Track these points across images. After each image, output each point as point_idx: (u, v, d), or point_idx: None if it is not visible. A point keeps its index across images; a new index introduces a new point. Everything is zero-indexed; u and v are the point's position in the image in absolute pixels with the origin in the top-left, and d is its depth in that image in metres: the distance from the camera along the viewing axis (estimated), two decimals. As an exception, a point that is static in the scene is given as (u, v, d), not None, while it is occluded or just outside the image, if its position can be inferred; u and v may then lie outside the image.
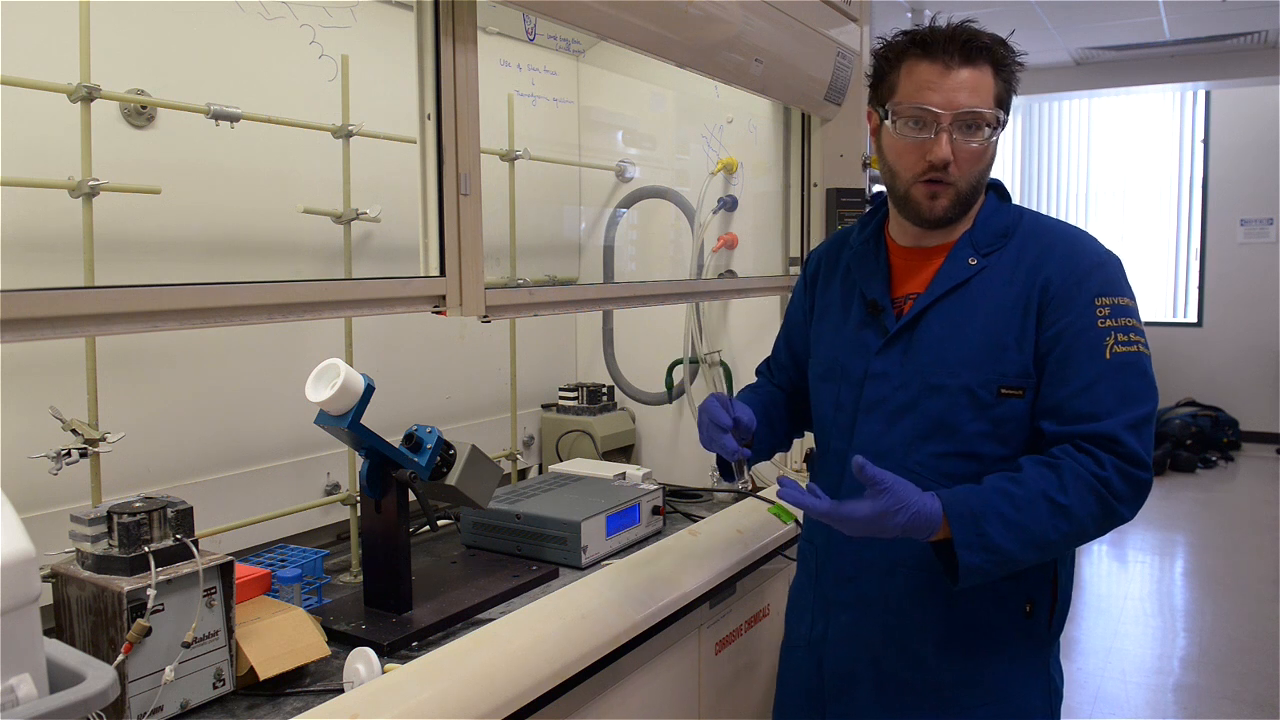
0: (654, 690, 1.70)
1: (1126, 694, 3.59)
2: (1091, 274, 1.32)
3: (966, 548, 1.22)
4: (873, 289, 1.45)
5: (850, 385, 1.45)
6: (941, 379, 1.35)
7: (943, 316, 1.37)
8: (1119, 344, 1.29)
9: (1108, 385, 1.27)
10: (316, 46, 1.86)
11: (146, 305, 1.10)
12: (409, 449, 1.51)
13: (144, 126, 1.62)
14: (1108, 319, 1.30)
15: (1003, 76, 1.34)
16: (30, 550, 0.88)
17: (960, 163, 1.32)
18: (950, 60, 1.31)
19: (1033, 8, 5.71)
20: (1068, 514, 1.23)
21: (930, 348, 1.37)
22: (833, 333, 1.51)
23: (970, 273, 1.37)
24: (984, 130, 1.32)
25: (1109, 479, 1.24)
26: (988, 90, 1.32)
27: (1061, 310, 1.31)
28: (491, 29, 2.29)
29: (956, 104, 1.30)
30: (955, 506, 1.24)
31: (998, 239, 1.39)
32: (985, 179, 1.39)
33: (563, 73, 2.61)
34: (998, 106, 1.33)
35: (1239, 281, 8.16)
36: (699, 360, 2.52)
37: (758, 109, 2.46)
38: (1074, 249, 1.35)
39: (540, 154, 2.28)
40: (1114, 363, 1.28)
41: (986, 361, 1.33)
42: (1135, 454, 1.25)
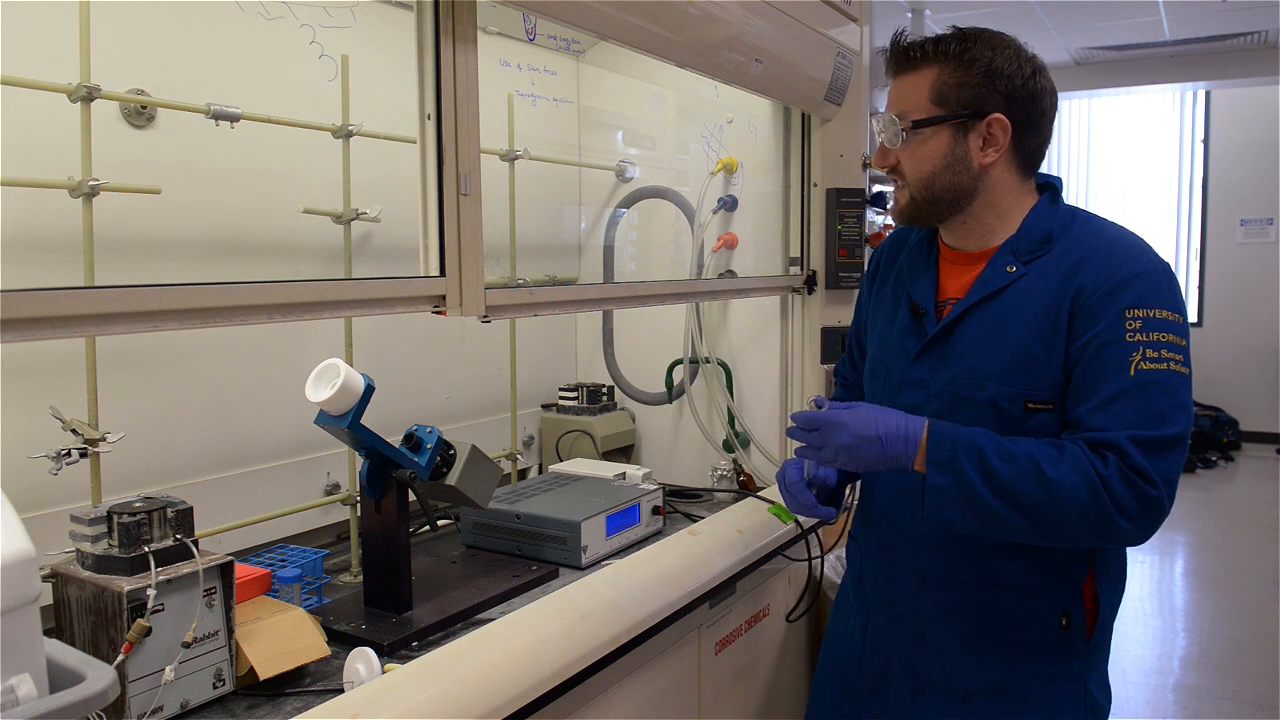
0: (654, 690, 1.70)
1: (1126, 694, 3.59)
2: (1127, 284, 1.25)
3: (936, 466, 1.24)
4: (918, 291, 1.44)
5: (890, 388, 1.45)
6: (970, 391, 1.33)
7: (977, 325, 1.35)
8: (1147, 360, 1.21)
9: (1129, 402, 1.21)
10: (316, 46, 1.86)
11: (146, 305, 1.10)
12: (409, 449, 1.51)
13: (144, 126, 1.62)
14: (1138, 333, 1.22)
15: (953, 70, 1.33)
16: (30, 550, 0.88)
17: (902, 161, 1.37)
18: (890, 72, 1.39)
19: (1033, 8, 5.71)
20: (1050, 487, 1.19)
21: (963, 356, 1.35)
22: (882, 334, 1.51)
23: (1007, 280, 1.33)
24: (904, 134, 1.35)
25: (1109, 478, 1.19)
26: (919, 93, 1.34)
27: (1091, 321, 1.25)
28: (491, 29, 2.29)
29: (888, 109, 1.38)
30: (939, 429, 1.27)
31: (1040, 245, 1.34)
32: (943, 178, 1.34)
33: (563, 73, 2.61)
34: (938, 105, 1.32)
35: (1239, 281, 8.16)
36: (699, 360, 2.52)
37: (758, 109, 2.46)
38: (1113, 255, 1.28)
39: (540, 154, 2.28)
40: (1139, 380, 1.21)
41: (1015, 374, 1.30)
42: (1142, 467, 1.18)
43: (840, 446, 1.28)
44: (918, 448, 1.26)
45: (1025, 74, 1.34)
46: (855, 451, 1.27)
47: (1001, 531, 1.26)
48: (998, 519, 1.23)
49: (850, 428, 1.27)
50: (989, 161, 1.34)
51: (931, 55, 1.34)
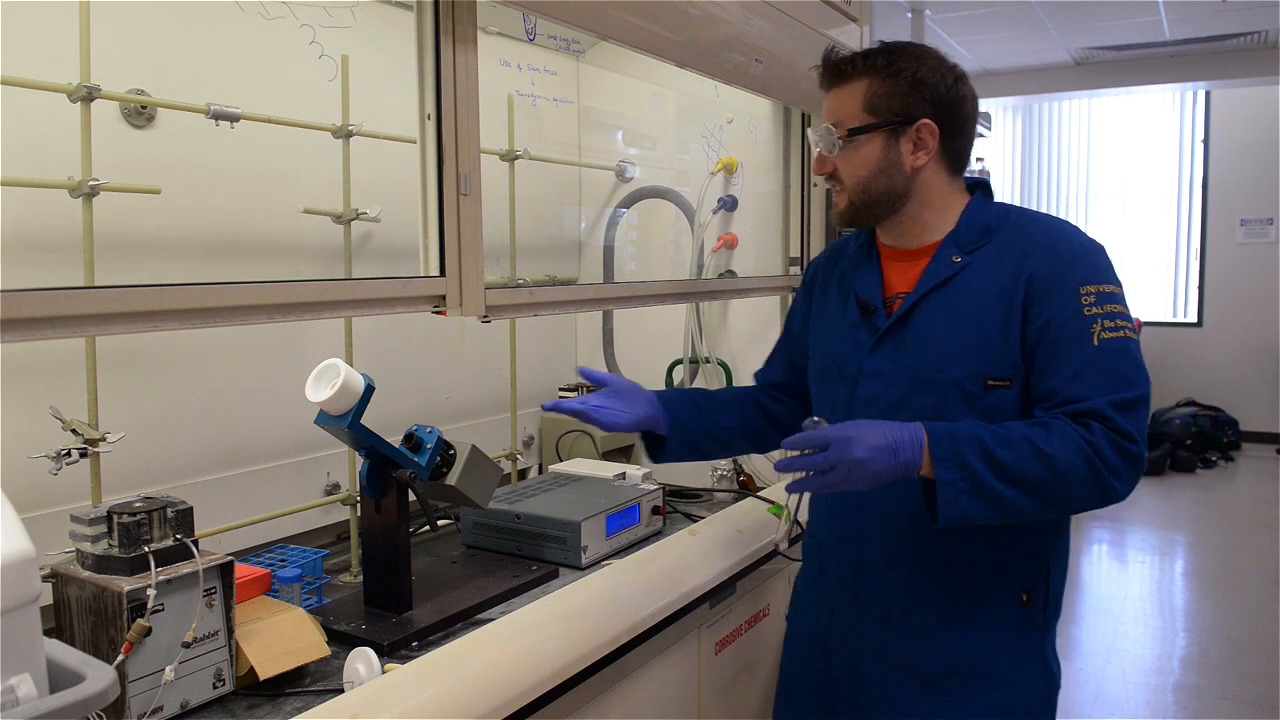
0: (654, 690, 1.70)
1: (1126, 694, 3.59)
2: (1075, 263, 1.35)
3: (941, 463, 1.25)
4: (865, 289, 1.51)
5: (845, 384, 1.50)
6: (930, 375, 1.40)
7: (930, 313, 1.42)
8: (1106, 330, 1.32)
9: (1097, 372, 1.30)
10: (316, 46, 1.86)
11: (146, 305, 1.10)
12: (409, 449, 1.51)
13: (144, 126, 1.63)
14: (1093, 306, 1.32)
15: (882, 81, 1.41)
16: (30, 550, 0.88)
17: (839, 168, 1.45)
18: (823, 86, 1.47)
19: (1033, 8, 5.71)
20: (1050, 462, 1.25)
21: (919, 344, 1.42)
22: (829, 334, 1.57)
23: (954, 270, 1.42)
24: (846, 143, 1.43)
25: (1098, 444, 1.26)
26: (853, 103, 1.42)
27: (1047, 301, 1.34)
28: (491, 29, 2.29)
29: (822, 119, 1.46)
30: (936, 428, 1.29)
31: (981, 236, 1.43)
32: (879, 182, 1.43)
33: (563, 73, 2.61)
34: (870, 113, 1.41)
35: (1239, 281, 8.16)
36: (699, 360, 2.52)
37: (758, 109, 2.46)
38: (1057, 240, 1.39)
39: (540, 154, 2.28)
40: (1102, 349, 1.31)
41: (973, 355, 1.37)
42: (1124, 429, 1.27)
43: (854, 462, 1.24)
44: (924, 449, 1.27)
45: (948, 82, 1.42)
46: (869, 465, 1.25)
47: (1011, 515, 1.29)
48: (1007, 504, 1.27)
49: (862, 440, 1.25)
50: (920, 164, 1.43)
51: (862, 68, 1.43)
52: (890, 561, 1.46)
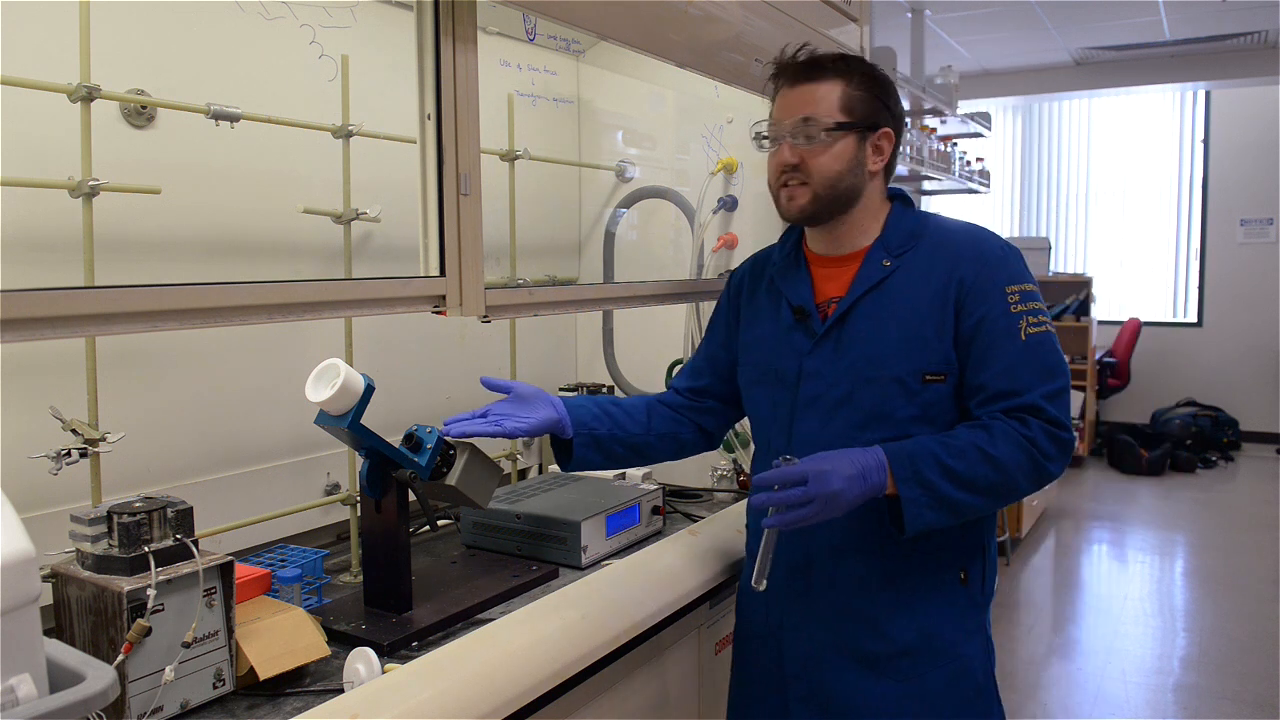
0: (654, 690, 1.71)
1: (1126, 694, 3.59)
2: (999, 266, 1.47)
3: (904, 482, 1.37)
4: (797, 296, 1.58)
5: (785, 386, 1.56)
6: (872, 372, 1.48)
7: (865, 315, 1.50)
8: (1031, 326, 1.43)
9: (1025, 364, 1.42)
10: (316, 46, 1.86)
11: (146, 305, 1.10)
12: (409, 449, 1.51)
13: (144, 126, 1.63)
14: (1018, 304, 1.44)
15: (857, 86, 1.48)
16: (30, 550, 0.88)
17: (807, 163, 1.48)
18: (794, 81, 1.50)
19: (1033, 8, 5.71)
20: (997, 463, 1.37)
21: (857, 344, 1.49)
22: (762, 340, 1.63)
23: (885, 274, 1.50)
24: (820, 135, 1.46)
25: (1035, 438, 1.38)
26: (829, 100, 1.47)
27: (978, 302, 1.44)
28: (491, 29, 2.30)
29: (794, 114, 1.48)
30: (893, 449, 1.39)
31: (907, 240, 1.52)
32: (846, 179, 1.49)
33: (563, 73, 2.62)
34: (845, 113, 1.47)
35: (1239, 281, 8.16)
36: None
37: (758, 109, 2.46)
38: (980, 245, 1.50)
39: (540, 154, 2.28)
40: (1029, 343, 1.43)
41: (911, 353, 1.46)
42: (1057, 419, 1.40)
43: (832, 494, 1.33)
44: (887, 470, 1.37)
45: (897, 99, 1.55)
46: (844, 495, 1.34)
47: (967, 515, 1.42)
48: (965, 508, 1.40)
49: (837, 471, 1.34)
50: (875, 169, 1.52)
51: (842, 70, 1.50)
52: (838, 553, 1.51)
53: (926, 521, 1.37)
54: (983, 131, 6.12)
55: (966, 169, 6.03)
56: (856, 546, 1.51)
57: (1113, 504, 6.44)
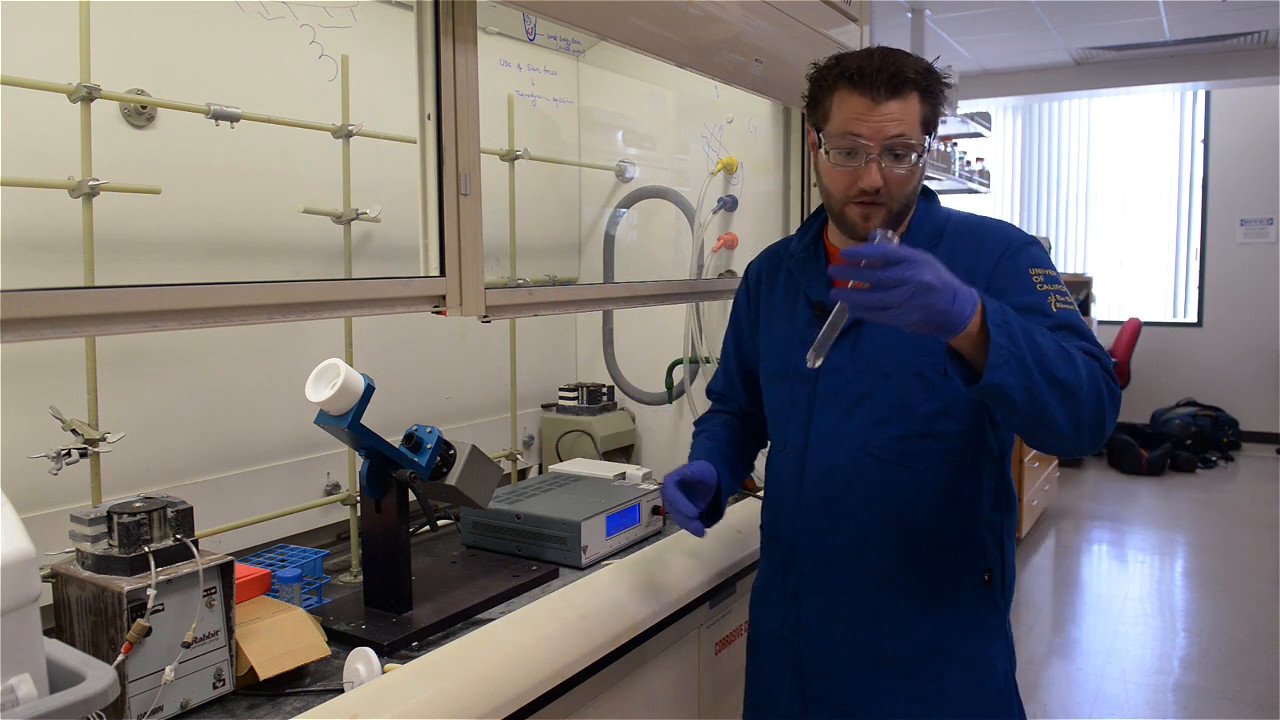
0: (654, 690, 1.71)
1: (1126, 694, 3.59)
2: (1022, 251, 1.44)
3: (996, 326, 1.18)
4: (816, 290, 1.53)
5: (804, 381, 1.52)
6: (892, 367, 1.44)
7: None
8: (1059, 302, 1.39)
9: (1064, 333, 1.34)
10: (316, 46, 1.86)
11: (146, 305, 1.10)
12: (409, 449, 1.51)
13: (144, 126, 1.63)
14: (1044, 284, 1.40)
15: (929, 101, 1.42)
16: (30, 550, 0.88)
17: (890, 186, 1.41)
18: (878, 94, 1.38)
19: (1033, 8, 5.71)
20: (1074, 365, 1.24)
21: (878, 340, 1.46)
22: (781, 334, 1.59)
23: None
24: (910, 156, 1.40)
25: (1105, 363, 1.29)
26: (914, 118, 1.40)
27: (1004, 285, 1.40)
28: (491, 29, 2.30)
29: (885, 134, 1.38)
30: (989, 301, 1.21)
31: (931, 238, 1.48)
32: (916, 196, 1.48)
33: (563, 73, 2.62)
34: (924, 131, 1.42)
35: (1239, 281, 8.16)
36: (699, 360, 2.52)
37: (758, 109, 2.46)
38: (1005, 233, 1.48)
39: (540, 154, 2.28)
40: (1059, 315, 1.37)
41: (931, 345, 1.36)
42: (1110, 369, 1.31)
43: (921, 285, 1.12)
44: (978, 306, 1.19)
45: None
46: (933, 294, 1.13)
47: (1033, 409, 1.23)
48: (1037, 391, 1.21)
49: (934, 267, 1.15)
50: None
51: (922, 84, 1.42)
52: (859, 551, 1.48)
53: (1002, 380, 1.18)
54: (983, 131, 6.12)
55: (966, 169, 6.03)
56: (878, 545, 1.47)
57: (1113, 504, 6.44)
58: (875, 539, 1.47)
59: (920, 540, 1.46)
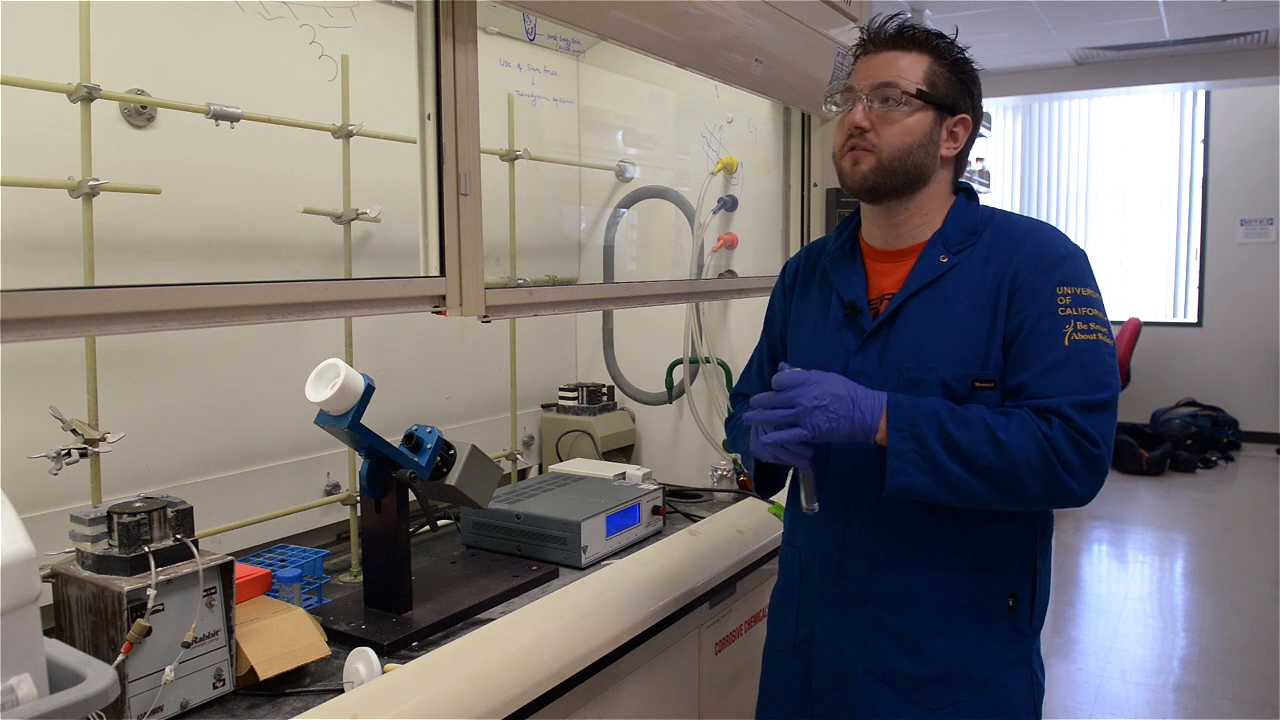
0: (654, 690, 1.71)
1: (1126, 694, 3.59)
2: (1057, 265, 1.37)
3: (897, 431, 1.28)
4: (849, 290, 1.49)
5: None
6: (919, 374, 1.39)
7: (917, 314, 1.41)
8: (1078, 332, 1.33)
9: (1065, 371, 1.31)
10: (316, 46, 1.86)
11: (146, 305, 1.10)
12: (409, 449, 1.51)
13: (144, 126, 1.63)
14: (1068, 308, 1.34)
15: (942, 64, 1.41)
16: (30, 550, 0.88)
17: (878, 129, 1.39)
18: (880, 46, 1.42)
19: (1033, 8, 5.71)
20: (1004, 449, 1.26)
21: (907, 345, 1.41)
22: (811, 336, 1.55)
23: (942, 270, 1.41)
24: (900, 105, 1.39)
25: (1055, 439, 1.26)
26: (914, 71, 1.40)
27: (1026, 299, 1.36)
28: (491, 29, 2.30)
29: (873, 78, 1.40)
30: (895, 396, 1.31)
31: (967, 236, 1.44)
32: (915, 155, 1.41)
33: (563, 73, 2.61)
34: (929, 88, 1.40)
35: (1239, 281, 8.16)
36: (699, 360, 2.52)
37: (758, 109, 2.46)
38: (1041, 242, 1.40)
39: (540, 154, 2.28)
40: (1072, 349, 1.32)
41: (961, 357, 1.37)
42: (1083, 429, 1.27)
43: (814, 405, 1.28)
44: (883, 411, 1.30)
45: (981, 94, 1.49)
46: (829, 410, 1.28)
47: (959, 496, 1.30)
48: (957, 483, 1.29)
49: (823, 385, 1.29)
50: (948, 155, 1.44)
51: (929, 45, 1.42)
52: (875, 565, 1.43)
53: (911, 481, 1.28)
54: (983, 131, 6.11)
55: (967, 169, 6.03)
56: (896, 559, 1.42)
57: (1113, 504, 6.44)
58: (892, 554, 1.42)
59: (939, 559, 1.40)
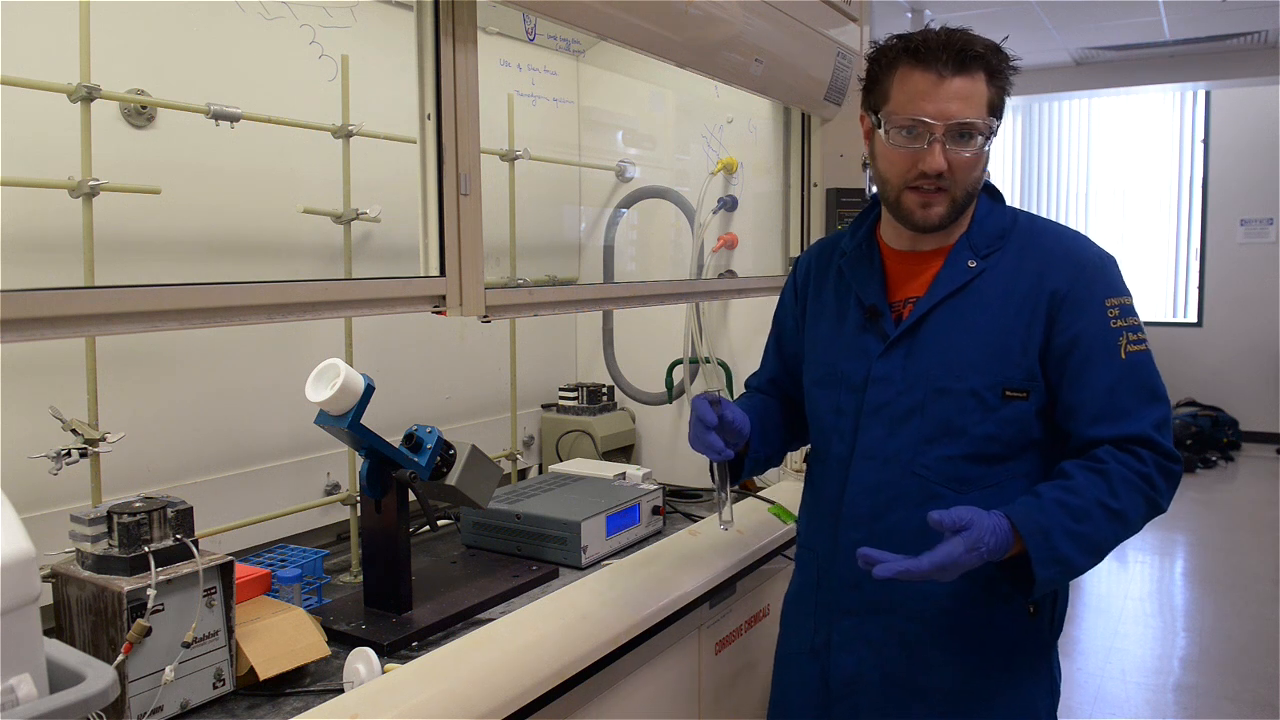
0: (654, 690, 1.71)
1: (1126, 694, 3.59)
2: (1099, 276, 1.36)
3: (1041, 564, 1.24)
4: (869, 293, 1.44)
5: (851, 390, 1.44)
6: (948, 382, 1.35)
7: (945, 320, 1.37)
8: (1131, 344, 1.33)
9: (1126, 386, 1.32)
10: (316, 46, 1.86)
11: (146, 305, 1.10)
12: (409, 449, 1.51)
13: (144, 126, 1.63)
14: (1118, 320, 1.33)
15: (996, 83, 1.34)
16: (30, 550, 0.88)
17: (955, 171, 1.32)
18: (944, 70, 1.29)
19: (1033, 8, 5.71)
20: (1122, 518, 1.28)
21: (934, 351, 1.37)
22: (828, 337, 1.50)
23: (970, 275, 1.38)
24: (977, 139, 1.32)
25: (1151, 475, 1.29)
26: (981, 99, 1.31)
27: (1075, 315, 1.33)
28: (491, 29, 2.29)
29: (949, 115, 1.29)
30: (1025, 524, 1.25)
31: (995, 240, 1.40)
32: (979, 185, 1.39)
33: (563, 73, 2.61)
34: (990, 114, 1.32)
35: (1239, 281, 8.16)
36: (699, 360, 2.52)
37: (758, 109, 2.46)
38: (1076, 251, 1.38)
39: (540, 154, 2.28)
40: (1129, 363, 1.32)
41: (991, 365, 1.34)
42: (1169, 451, 1.31)
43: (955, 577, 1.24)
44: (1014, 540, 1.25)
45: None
46: (969, 567, 1.23)
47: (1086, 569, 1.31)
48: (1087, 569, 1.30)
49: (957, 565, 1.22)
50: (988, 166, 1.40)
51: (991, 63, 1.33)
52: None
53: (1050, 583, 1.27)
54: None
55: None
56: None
57: (1113, 504, 6.44)
58: None
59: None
